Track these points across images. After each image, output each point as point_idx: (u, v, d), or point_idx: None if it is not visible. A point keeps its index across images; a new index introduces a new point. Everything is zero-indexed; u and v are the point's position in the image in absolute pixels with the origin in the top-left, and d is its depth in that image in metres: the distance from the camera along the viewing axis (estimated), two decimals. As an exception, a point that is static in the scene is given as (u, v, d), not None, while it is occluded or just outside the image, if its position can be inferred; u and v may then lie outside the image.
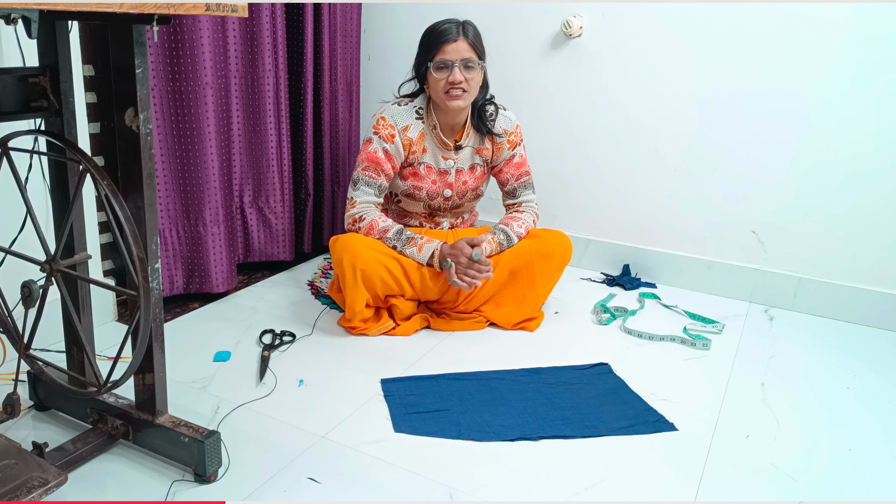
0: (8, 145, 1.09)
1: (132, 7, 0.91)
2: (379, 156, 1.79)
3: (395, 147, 1.80)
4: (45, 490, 0.99)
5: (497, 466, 1.27)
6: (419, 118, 1.83)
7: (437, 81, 1.74)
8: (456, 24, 1.74)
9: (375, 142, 1.79)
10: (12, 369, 1.39)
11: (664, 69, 2.10)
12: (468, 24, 1.76)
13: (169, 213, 1.89)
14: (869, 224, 1.96)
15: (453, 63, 1.72)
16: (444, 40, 1.72)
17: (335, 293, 1.94)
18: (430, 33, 1.76)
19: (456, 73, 1.72)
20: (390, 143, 1.79)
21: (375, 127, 1.80)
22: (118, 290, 1.06)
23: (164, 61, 1.79)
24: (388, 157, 1.80)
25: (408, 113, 1.82)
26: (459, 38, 1.72)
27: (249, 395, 1.47)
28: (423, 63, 1.77)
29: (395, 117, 1.81)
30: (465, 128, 1.87)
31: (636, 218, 2.27)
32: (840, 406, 1.55)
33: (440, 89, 1.74)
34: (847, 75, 1.89)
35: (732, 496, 1.23)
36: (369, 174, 1.80)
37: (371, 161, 1.79)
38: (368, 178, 1.80)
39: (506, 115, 1.90)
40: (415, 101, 1.85)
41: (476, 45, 1.75)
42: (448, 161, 1.87)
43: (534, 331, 1.85)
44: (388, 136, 1.79)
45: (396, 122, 1.80)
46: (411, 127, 1.81)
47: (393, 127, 1.79)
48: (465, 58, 1.73)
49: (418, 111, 1.83)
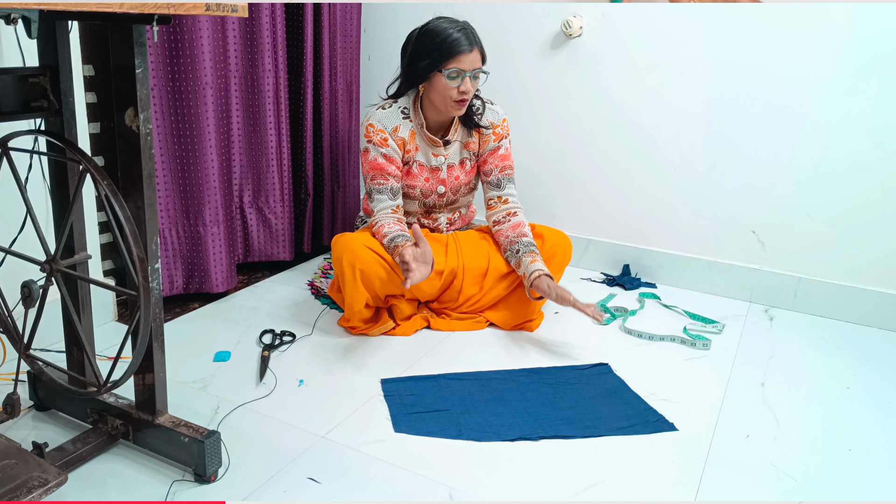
0: (8, 145, 1.09)
1: (132, 7, 0.91)
2: (380, 161, 1.79)
3: (391, 149, 1.80)
4: (45, 490, 0.99)
5: (497, 466, 1.27)
6: (406, 117, 1.83)
7: (447, 88, 1.73)
8: (465, 34, 1.71)
9: (372, 150, 1.80)
10: (12, 369, 1.39)
11: (664, 69, 2.10)
12: (474, 32, 1.74)
13: (169, 213, 1.89)
14: (869, 224, 1.96)
15: (467, 73, 1.72)
16: (459, 50, 1.70)
17: (335, 293, 1.94)
18: (443, 40, 1.71)
19: (468, 83, 1.72)
20: (385, 147, 1.79)
21: (367, 135, 1.80)
22: (118, 290, 1.06)
23: (164, 61, 1.79)
24: (389, 160, 1.80)
25: (394, 115, 1.82)
26: (474, 48, 1.72)
27: (249, 395, 1.48)
28: (432, 67, 1.73)
29: (382, 121, 1.81)
30: (453, 123, 1.88)
31: (636, 218, 2.27)
32: (840, 406, 1.55)
33: (449, 96, 1.74)
34: (847, 75, 1.89)
35: (732, 496, 1.23)
36: (377, 182, 1.80)
37: (374, 169, 1.80)
38: (378, 185, 1.80)
39: (493, 108, 1.91)
40: (399, 102, 1.84)
41: (483, 55, 1.76)
42: (438, 157, 1.87)
43: (534, 331, 1.85)
44: (381, 142, 1.79)
45: (385, 126, 1.80)
46: (400, 127, 1.82)
47: (383, 131, 1.79)
48: (477, 68, 1.73)
49: (404, 111, 1.83)
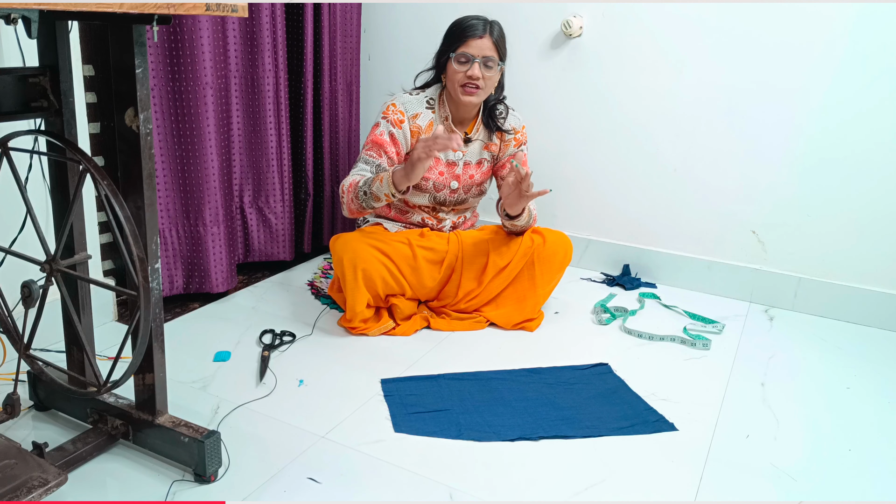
0: (8, 145, 1.09)
1: (132, 7, 0.91)
2: (384, 138, 1.81)
3: (402, 133, 1.82)
4: (45, 490, 0.99)
5: (497, 466, 1.27)
6: (429, 108, 1.85)
7: (455, 73, 1.76)
8: (483, 22, 1.76)
9: (383, 125, 1.82)
10: (12, 369, 1.39)
11: (664, 69, 2.10)
12: (495, 24, 1.78)
13: (169, 213, 1.89)
14: (869, 224, 1.96)
15: (474, 58, 1.74)
16: (469, 34, 1.74)
17: (335, 293, 1.94)
18: (458, 26, 1.78)
19: (475, 69, 1.74)
20: (398, 127, 1.81)
21: (385, 112, 1.83)
22: (118, 290, 1.06)
23: (164, 61, 1.79)
24: (394, 141, 1.82)
25: (418, 102, 1.84)
26: (485, 35, 1.74)
27: (249, 395, 1.47)
28: (446, 53, 1.79)
29: (405, 105, 1.83)
30: (476, 122, 1.89)
31: (636, 218, 2.27)
32: (840, 406, 1.55)
33: (457, 81, 1.77)
34: (847, 75, 1.89)
35: (732, 496, 1.23)
36: (371, 154, 1.81)
37: (375, 143, 1.81)
38: (369, 156, 1.81)
39: (514, 114, 1.94)
40: (426, 92, 1.87)
41: (499, 45, 1.77)
42: (457, 153, 1.88)
43: (534, 331, 1.85)
44: (396, 122, 1.81)
45: (407, 109, 1.83)
46: (421, 115, 1.83)
47: (403, 113, 1.82)
48: (487, 56, 1.75)
49: (429, 101, 1.85)
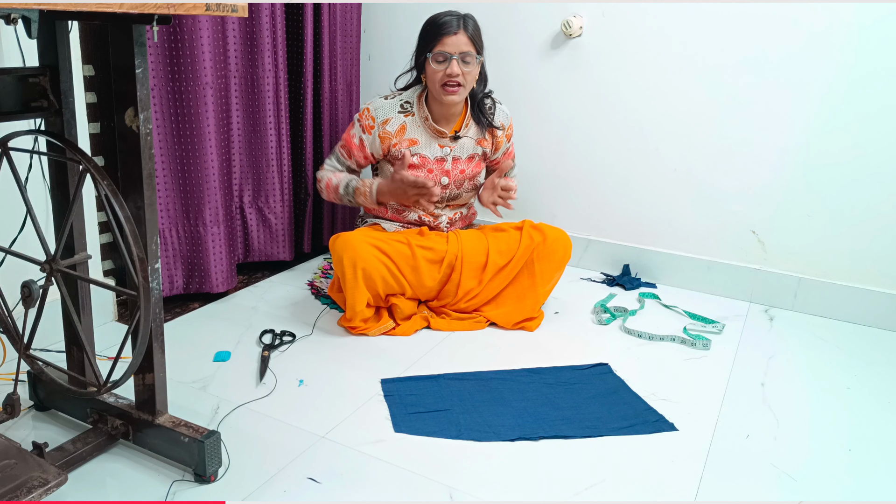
0: (8, 145, 1.09)
1: (132, 7, 0.91)
2: (354, 142, 1.88)
3: (371, 139, 1.86)
4: (45, 490, 0.99)
5: (497, 466, 1.27)
6: (402, 112, 1.86)
7: (434, 72, 1.77)
8: (457, 18, 1.76)
9: (356, 128, 1.88)
10: (12, 369, 1.39)
11: (664, 69, 2.10)
12: (469, 18, 1.78)
13: (169, 213, 1.89)
14: (869, 224, 1.96)
15: (451, 56, 1.74)
16: (444, 32, 1.75)
17: (335, 293, 1.94)
18: (431, 24, 1.79)
19: (454, 66, 1.74)
20: (368, 133, 1.86)
21: (360, 115, 1.88)
22: (118, 290, 1.06)
23: (164, 61, 1.79)
24: (362, 146, 1.88)
25: (391, 107, 1.86)
26: (459, 31, 1.75)
27: (249, 395, 1.48)
28: (423, 53, 1.80)
29: (377, 110, 1.86)
30: (465, 118, 1.89)
31: (636, 218, 2.27)
32: (840, 406, 1.55)
33: (437, 81, 1.77)
34: (848, 75, 1.89)
35: (732, 496, 1.23)
36: (342, 154, 1.94)
37: (348, 144, 1.91)
38: (341, 155, 1.94)
39: (502, 108, 1.96)
40: (404, 94, 1.88)
41: (475, 40, 1.78)
42: (444, 149, 1.89)
43: (534, 331, 1.85)
44: (367, 127, 1.86)
45: (377, 116, 1.85)
46: (391, 121, 1.85)
47: (373, 119, 1.85)
48: (464, 51, 1.75)
49: (403, 105, 1.86)
